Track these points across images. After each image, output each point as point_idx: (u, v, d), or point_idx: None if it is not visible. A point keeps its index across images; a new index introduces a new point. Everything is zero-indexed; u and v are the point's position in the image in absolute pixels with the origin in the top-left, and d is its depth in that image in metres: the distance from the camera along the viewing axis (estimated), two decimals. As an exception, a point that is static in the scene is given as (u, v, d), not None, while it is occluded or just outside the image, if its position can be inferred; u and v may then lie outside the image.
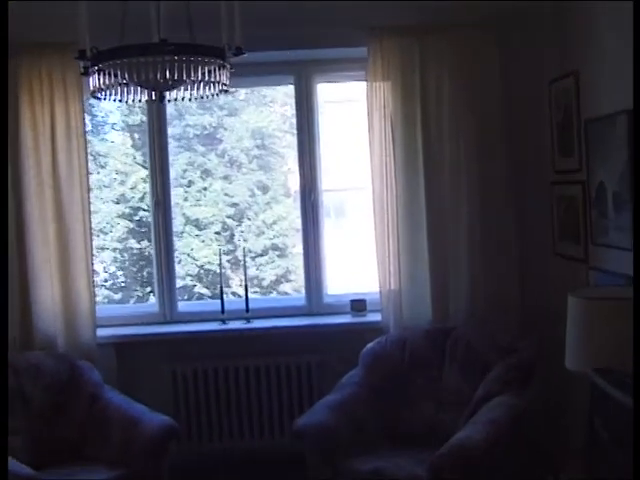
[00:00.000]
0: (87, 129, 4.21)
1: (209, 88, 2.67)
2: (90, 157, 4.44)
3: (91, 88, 2.62)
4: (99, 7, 2.72)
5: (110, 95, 2.64)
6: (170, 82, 2.58)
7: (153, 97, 2.67)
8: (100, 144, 4.82)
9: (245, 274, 4.39)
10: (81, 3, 2.54)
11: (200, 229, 4.89)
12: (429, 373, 3.63)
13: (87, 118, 4.22)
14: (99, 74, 2.56)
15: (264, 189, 4.92)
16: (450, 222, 4.04)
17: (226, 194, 4.90)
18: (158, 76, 2.48)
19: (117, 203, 4.80)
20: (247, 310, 4.27)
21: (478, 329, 3.75)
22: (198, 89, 2.65)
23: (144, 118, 4.42)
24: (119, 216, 4.80)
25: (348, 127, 4.63)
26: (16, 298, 3.95)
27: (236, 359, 4.15)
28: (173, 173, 4.52)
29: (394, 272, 4.04)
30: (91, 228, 4.09)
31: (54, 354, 3.84)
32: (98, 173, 4.75)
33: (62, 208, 4.02)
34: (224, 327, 4.21)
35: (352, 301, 4.27)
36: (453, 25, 3.96)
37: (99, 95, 2.65)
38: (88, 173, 4.09)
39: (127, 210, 4.76)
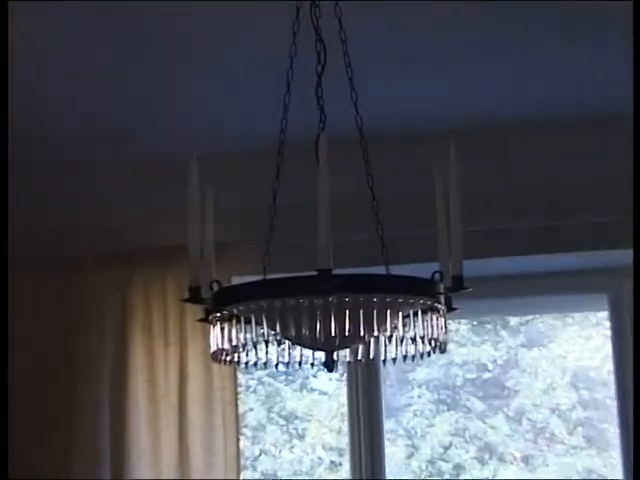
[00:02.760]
0: (279, 371, 4.38)
1: (411, 344, 2.57)
2: (280, 421, 4.56)
3: (212, 347, 2.59)
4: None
5: (245, 356, 2.60)
6: (339, 338, 2.50)
7: (315, 362, 2.61)
8: (296, 397, 4.80)
9: None
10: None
11: None
12: None
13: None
14: (225, 323, 2.56)
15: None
16: None
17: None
18: (317, 330, 2.45)
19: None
20: None
21: None
22: (390, 345, 2.58)
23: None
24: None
25: None
26: None
27: None
28: (426, 451, 4.51)
29: None
30: None
31: None
32: (291, 449, 4.71)
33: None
34: None
35: None
36: None
37: (225, 357, 2.60)
38: (239, 470, 4.14)
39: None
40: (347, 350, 2.66)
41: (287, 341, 2.59)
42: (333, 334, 2.48)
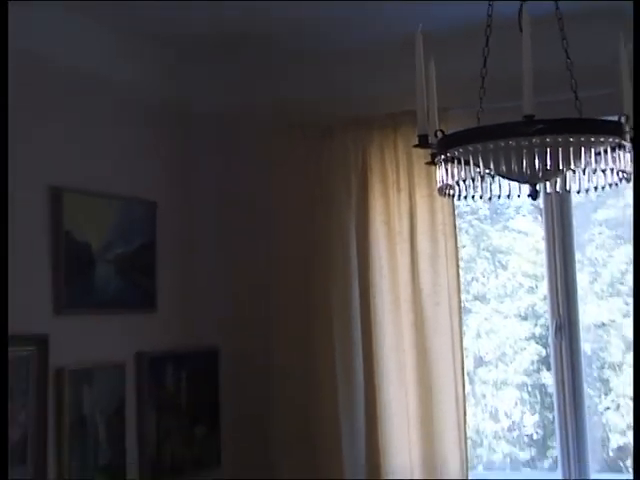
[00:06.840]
0: (484, 215, 4.59)
1: (601, 176, 2.63)
2: (486, 254, 4.65)
3: (438, 183, 2.76)
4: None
5: (465, 191, 2.73)
6: (542, 172, 2.60)
7: (519, 193, 2.70)
8: (499, 236, 4.93)
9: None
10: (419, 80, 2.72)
11: (647, 357, 4.76)
12: None
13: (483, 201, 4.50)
14: (448, 164, 2.69)
15: None
16: None
17: (694, 309, 4.67)
18: (524, 165, 2.56)
19: (524, 319, 4.76)
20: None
21: None
22: (583, 178, 2.64)
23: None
24: (527, 338, 4.74)
25: None
26: (362, 450, 4.22)
27: None
28: (607, 276, 4.48)
29: None
30: (464, 369, 4.25)
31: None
32: (496, 277, 4.85)
33: (424, 336, 4.25)
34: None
35: None
36: None
37: (449, 191, 2.77)
38: (460, 289, 4.31)
39: (538, 330, 4.67)
40: (548, 183, 2.76)
41: (499, 177, 2.72)
42: (537, 168, 2.60)
